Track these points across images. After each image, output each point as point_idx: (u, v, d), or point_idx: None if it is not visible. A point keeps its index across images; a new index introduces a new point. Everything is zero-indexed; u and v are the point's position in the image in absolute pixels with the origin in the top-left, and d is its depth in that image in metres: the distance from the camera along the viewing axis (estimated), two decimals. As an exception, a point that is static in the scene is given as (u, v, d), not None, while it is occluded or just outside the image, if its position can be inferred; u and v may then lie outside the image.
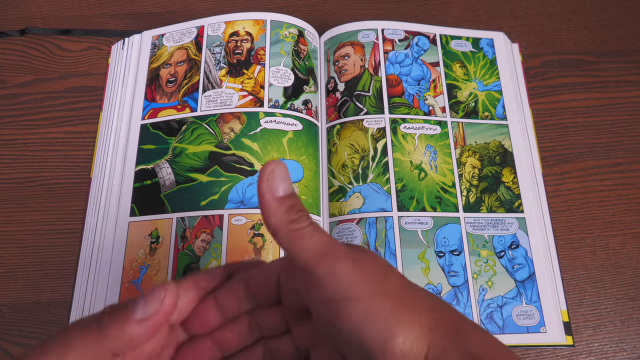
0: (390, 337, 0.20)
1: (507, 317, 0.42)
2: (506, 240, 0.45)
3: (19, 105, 0.53)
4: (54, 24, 0.57)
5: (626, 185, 0.49)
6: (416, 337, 0.20)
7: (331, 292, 0.21)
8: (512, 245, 0.44)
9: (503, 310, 0.42)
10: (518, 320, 0.42)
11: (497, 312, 0.42)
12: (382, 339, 0.20)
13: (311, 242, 0.21)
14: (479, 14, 0.58)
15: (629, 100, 0.53)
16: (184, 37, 0.53)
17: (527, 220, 0.46)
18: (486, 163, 0.48)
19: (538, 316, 0.42)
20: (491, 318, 0.42)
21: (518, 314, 0.42)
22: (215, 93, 0.49)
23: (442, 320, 0.21)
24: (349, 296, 0.20)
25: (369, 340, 0.20)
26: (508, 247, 0.44)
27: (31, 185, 0.49)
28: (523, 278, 0.43)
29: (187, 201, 0.45)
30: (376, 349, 0.20)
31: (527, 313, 0.42)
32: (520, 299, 0.42)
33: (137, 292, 0.42)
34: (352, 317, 0.20)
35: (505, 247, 0.44)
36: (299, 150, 0.47)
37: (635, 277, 0.45)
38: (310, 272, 0.21)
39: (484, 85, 0.52)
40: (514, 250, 0.44)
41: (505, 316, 0.42)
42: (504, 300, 0.42)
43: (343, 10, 0.58)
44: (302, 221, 0.22)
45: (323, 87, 0.52)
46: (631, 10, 0.58)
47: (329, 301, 0.21)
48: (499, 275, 0.43)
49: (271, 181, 0.22)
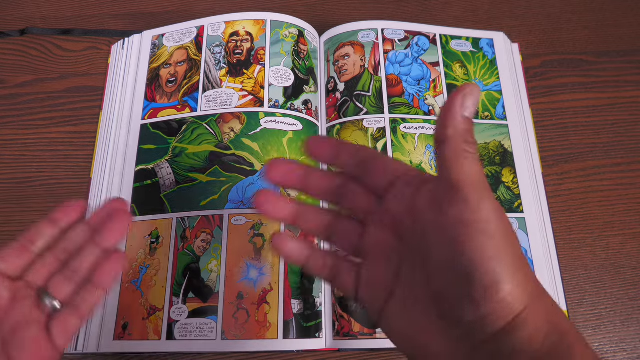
0: (500, 281, 0.21)
1: None
2: None
3: (19, 105, 0.53)
4: (54, 24, 0.57)
5: (626, 185, 0.49)
6: (519, 294, 0.21)
7: (473, 218, 0.21)
8: None
9: None
10: None
11: None
12: (493, 279, 0.21)
13: (473, 168, 0.22)
14: (479, 14, 0.58)
15: (629, 100, 0.53)
16: (184, 37, 0.53)
17: (527, 220, 0.46)
18: (486, 163, 0.48)
19: None
20: None
21: None
22: (216, 93, 0.49)
23: (541, 294, 0.22)
24: (487, 229, 0.21)
25: (482, 274, 0.21)
26: None
27: (31, 185, 0.49)
28: None
29: (187, 201, 0.45)
30: (483, 283, 0.21)
31: None
32: None
33: (137, 291, 0.43)
34: (479, 247, 0.21)
35: None
36: (299, 150, 0.47)
37: (635, 277, 0.45)
38: (460, 192, 0.22)
39: (483, 85, 0.52)
40: None
41: None
42: None
43: (343, 10, 0.58)
44: (472, 148, 0.22)
45: (323, 87, 0.52)
46: (631, 10, 0.58)
47: (466, 224, 0.21)
48: None
49: (468, 98, 0.22)
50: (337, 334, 0.42)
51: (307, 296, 0.42)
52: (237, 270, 0.42)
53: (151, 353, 0.42)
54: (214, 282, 0.42)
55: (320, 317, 0.42)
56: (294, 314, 0.41)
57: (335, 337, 0.42)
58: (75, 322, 0.29)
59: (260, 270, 0.42)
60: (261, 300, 0.41)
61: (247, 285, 0.41)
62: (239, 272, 0.42)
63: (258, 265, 0.42)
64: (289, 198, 0.29)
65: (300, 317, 0.41)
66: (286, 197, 0.29)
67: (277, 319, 0.41)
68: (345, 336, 0.41)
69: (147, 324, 0.41)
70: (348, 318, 0.42)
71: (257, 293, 0.41)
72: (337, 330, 0.42)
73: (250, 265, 0.42)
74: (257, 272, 0.42)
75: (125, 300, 0.42)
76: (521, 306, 0.21)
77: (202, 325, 0.40)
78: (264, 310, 0.41)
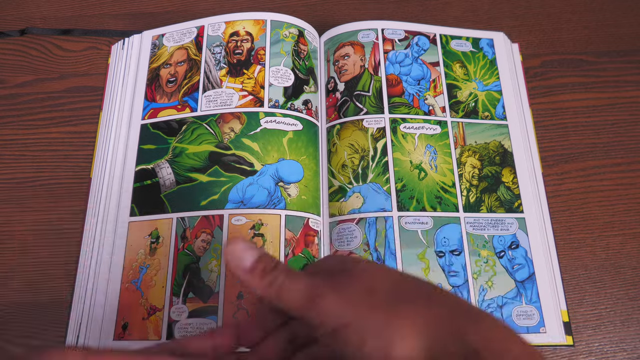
0: (388, 351, 0.20)
1: (507, 317, 0.42)
2: (506, 240, 0.45)
3: (19, 105, 0.53)
4: (54, 24, 0.57)
5: (626, 185, 0.49)
6: (413, 342, 0.20)
7: (324, 327, 0.22)
8: (511, 246, 0.45)
9: (503, 310, 0.42)
10: (518, 320, 0.42)
11: (498, 313, 0.42)
12: (382, 355, 0.21)
13: (293, 294, 0.23)
14: (479, 14, 0.58)
15: (629, 100, 0.53)
16: (184, 37, 0.53)
17: (527, 221, 0.46)
18: (486, 163, 0.48)
19: (538, 316, 0.42)
20: None
21: (518, 314, 0.42)
22: (216, 93, 0.49)
23: (440, 318, 0.21)
24: (340, 325, 0.21)
25: (370, 358, 0.21)
26: (508, 247, 0.44)
27: (31, 185, 0.49)
28: (523, 278, 0.43)
29: (187, 201, 0.45)
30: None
31: (527, 313, 0.42)
32: (520, 299, 0.42)
33: (137, 291, 0.43)
34: (349, 343, 0.21)
35: (505, 247, 0.44)
36: (299, 150, 0.47)
37: (635, 277, 0.45)
38: (302, 317, 0.23)
39: (483, 85, 0.52)
40: (514, 250, 0.44)
41: (505, 316, 0.42)
42: (504, 300, 0.42)
43: (343, 10, 0.58)
44: (278, 278, 0.23)
45: (323, 87, 0.52)
46: (631, 10, 0.58)
47: (325, 335, 0.22)
48: (499, 276, 0.43)
49: (235, 257, 0.23)
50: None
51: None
52: (237, 270, 0.42)
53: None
54: (214, 282, 0.42)
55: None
56: (294, 314, 0.41)
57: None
58: None
59: (260, 270, 0.42)
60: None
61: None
62: (239, 272, 0.42)
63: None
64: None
65: (300, 317, 0.41)
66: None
67: (277, 319, 0.41)
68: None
69: (147, 324, 0.41)
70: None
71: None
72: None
73: (250, 265, 0.42)
74: (257, 272, 0.42)
75: (125, 300, 0.42)
76: (422, 350, 0.20)
77: (202, 326, 0.40)
78: (264, 310, 0.41)
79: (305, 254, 0.44)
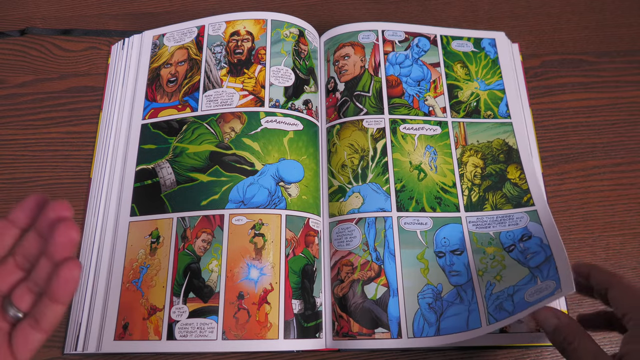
0: None
1: (520, 300, 0.40)
2: (515, 234, 0.44)
3: (19, 105, 0.53)
4: (54, 24, 0.57)
5: (626, 185, 0.49)
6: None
7: None
8: (522, 238, 0.44)
9: (514, 297, 0.40)
10: (530, 298, 0.39)
11: (508, 301, 0.41)
12: None
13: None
14: (479, 14, 0.58)
15: (629, 100, 0.53)
16: (184, 36, 0.53)
17: (540, 212, 0.45)
18: (489, 162, 0.48)
19: (554, 285, 0.38)
20: (500, 307, 0.40)
21: (531, 293, 0.39)
22: (216, 93, 0.49)
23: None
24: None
25: None
26: (518, 240, 0.44)
27: (31, 185, 0.49)
28: (538, 263, 0.41)
29: (187, 201, 0.45)
30: None
31: (541, 289, 0.39)
32: (535, 281, 0.40)
33: (137, 291, 0.42)
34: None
35: (515, 241, 0.44)
36: (300, 150, 0.47)
37: (635, 277, 0.45)
38: None
39: (485, 84, 0.52)
40: (526, 242, 0.43)
41: (516, 301, 0.40)
42: (515, 289, 0.41)
43: (343, 11, 0.59)
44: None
45: (323, 87, 0.52)
46: (631, 10, 0.58)
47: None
48: (509, 268, 0.42)
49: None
50: (337, 334, 0.42)
51: (308, 296, 0.42)
52: (237, 270, 0.42)
53: (152, 353, 0.42)
54: (214, 282, 0.42)
55: (320, 317, 0.42)
56: (294, 314, 0.41)
57: (334, 337, 0.42)
58: (37, 337, 0.27)
59: (261, 270, 0.42)
60: (262, 300, 0.41)
61: (247, 285, 0.41)
62: (240, 272, 0.42)
63: (259, 265, 0.42)
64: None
65: (300, 317, 0.41)
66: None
67: (277, 319, 0.41)
68: (344, 336, 0.41)
69: (147, 324, 0.41)
70: (347, 318, 0.42)
71: (258, 293, 0.41)
72: (336, 330, 0.42)
73: (250, 265, 0.42)
74: (257, 272, 0.42)
75: (125, 300, 0.42)
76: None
77: (202, 326, 0.40)
78: (264, 310, 0.41)
79: (306, 254, 0.44)
